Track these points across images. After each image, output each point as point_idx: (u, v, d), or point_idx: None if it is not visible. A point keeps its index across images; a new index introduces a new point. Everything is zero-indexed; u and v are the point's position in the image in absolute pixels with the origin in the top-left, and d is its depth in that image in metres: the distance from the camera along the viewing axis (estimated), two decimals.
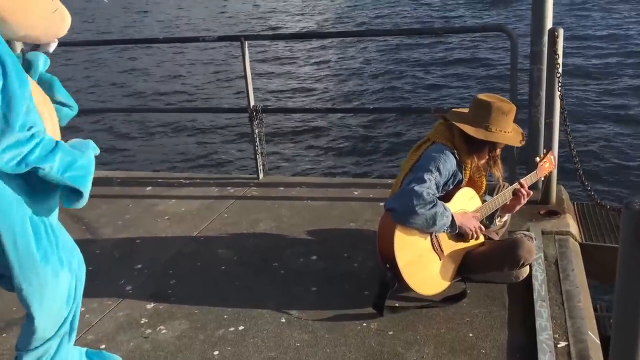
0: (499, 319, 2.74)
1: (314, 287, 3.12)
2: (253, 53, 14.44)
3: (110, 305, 3.08)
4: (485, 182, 3.08)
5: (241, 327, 2.81)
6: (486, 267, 2.97)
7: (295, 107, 11.68)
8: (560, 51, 3.57)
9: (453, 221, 2.77)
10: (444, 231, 2.81)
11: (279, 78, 14.32)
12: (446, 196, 2.89)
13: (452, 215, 2.78)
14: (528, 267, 2.99)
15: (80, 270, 2.24)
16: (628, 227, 1.53)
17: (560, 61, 3.57)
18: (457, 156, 2.90)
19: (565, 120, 3.69)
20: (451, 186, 2.92)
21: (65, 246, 2.11)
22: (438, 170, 2.78)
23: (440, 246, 2.89)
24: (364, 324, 2.76)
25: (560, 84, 3.62)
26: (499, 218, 3.26)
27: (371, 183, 4.67)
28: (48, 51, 2.15)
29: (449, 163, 2.84)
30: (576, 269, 3.12)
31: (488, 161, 3.02)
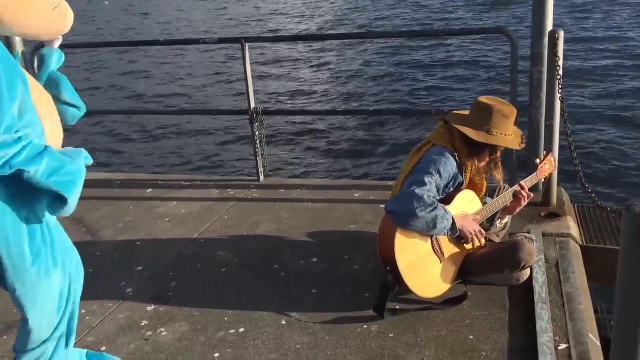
0: (500, 322, 2.74)
1: (315, 290, 3.11)
2: (254, 55, 14.47)
3: (110, 307, 3.08)
4: (485, 185, 3.08)
5: (242, 330, 2.81)
6: (487, 270, 2.97)
7: (295, 110, 11.70)
8: (560, 53, 3.57)
9: (454, 224, 2.77)
10: (445, 234, 2.81)
11: (280, 80, 14.33)
12: (447, 199, 2.88)
13: (453, 218, 2.77)
14: (529, 270, 2.99)
15: (77, 271, 2.23)
16: (629, 230, 1.53)
17: (560, 63, 3.57)
18: (458, 159, 2.90)
19: (565, 122, 3.69)
20: (452, 189, 2.92)
21: (60, 247, 2.09)
22: (439, 173, 2.78)
23: (441, 249, 2.88)
24: (365, 327, 2.76)
25: (560, 86, 3.62)
26: (500, 220, 3.26)
27: (371, 185, 4.67)
28: (52, 47, 2.13)
29: (450, 166, 2.84)
30: (577, 272, 3.11)
31: (489, 164, 3.03)
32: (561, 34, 3.56)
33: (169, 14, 29.85)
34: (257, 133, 4.66)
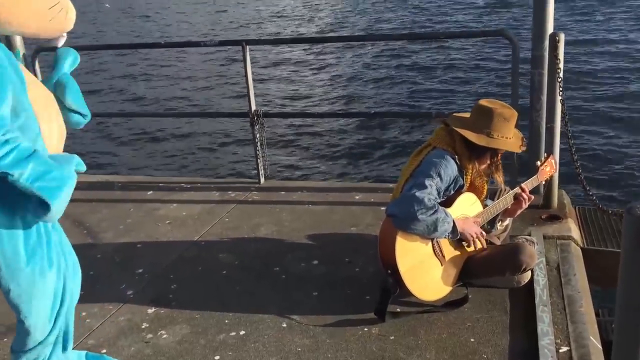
0: (501, 324, 2.74)
1: (315, 292, 3.11)
2: (254, 58, 14.48)
3: (111, 309, 3.08)
4: (486, 187, 3.08)
5: (242, 332, 2.81)
6: (488, 272, 2.96)
7: (296, 112, 11.70)
8: (561, 56, 3.57)
9: (454, 227, 2.77)
10: (446, 237, 2.81)
11: (280, 83, 14.34)
12: (447, 201, 2.88)
13: (454, 221, 2.77)
14: (530, 272, 2.99)
15: (74, 273, 2.22)
16: (630, 232, 1.52)
17: (561, 66, 3.57)
18: (458, 161, 2.89)
19: (566, 124, 3.69)
20: (452, 191, 2.91)
21: (56, 247, 2.07)
22: (439, 175, 2.78)
23: (441, 251, 2.88)
24: (365, 329, 2.75)
25: (561, 89, 3.62)
26: (500, 222, 3.25)
27: (372, 187, 4.67)
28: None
29: (450, 169, 2.83)
30: (578, 274, 3.11)
31: (489, 166, 3.02)
32: (562, 37, 3.56)
33: (170, 16, 29.88)
34: (258, 135, 4.66)
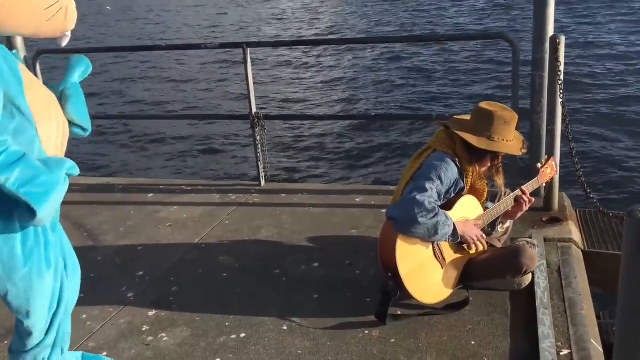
0: (501, 327, 2.73)
1: (316, 295, 3.11)
2: (255, 60, 14.49)
3: (111, 312, 3.07)
4: (487, 190, 3.08)
5: (243, 335, 2.81)
6: (488, 275, 2.96)
7: (297, 114, 11.70)
8: (562, 58, 3.57)
9: (455, 230, 2.77)
10: (446, 240, 2.81)
11: (281, 85, 14.34)
12: (448, 204, 2.88)
13: (454, 224, 2.77)
14: (530, 275, 2.98)
15: (73, 275, 2.22)
16: (631, 235, 1.52)
17: (562, 68, 3.58)
18: (459, 164, 2.89)
19: (567, 127, 3.69)
20: (453, 194, 2.91)
21: (54, 248, 2.06)
22: (439, 178, 2.78)
23: (442, 254, 2.88)
24: (366, 332, 2.75)
25: (562, 91, 3.62)
26: (501, 225, 3.25)
27: (373, 190, 4.67)
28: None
29: (451, 171, 2.83)
30: (579, 277, 3.11)
31: (490, 169, 3.02)
32: (562, 39, 3.56)
33: (170, 19, 29.91)
34: (259, 138, 4.66)
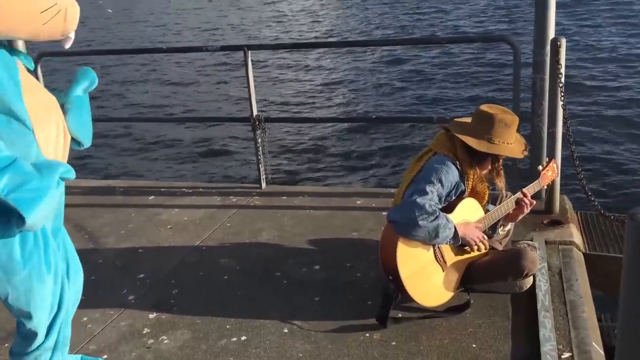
0: (503, 330, 2.73)
1: (317, 297, 3.11)
2: (256, 62, 14.51)
3: (112, 315, 3.07)
4: (487, 193, 3.08)
5: (243, 337, 2.80)
6: (490, 278, 2.96)
7: (297, 117, 11.71)
8: (562, 61, 3.57)
9: (456, 233, 2.76)
10: (447, 243, 2.80)
11: (282, 88, 14.35)
12: (449, 207, 2.88)
13: (455, 226, 2.77)
14: (532, 278, 2.98)
15: (75, 278, 2.21)
16: (632, 239, 1.52)
17: (562, 71, 3.57)
18: (460, 167, 2.89)
19: (568, 129, 3.69)
20: (453, 197, 2.91)
21: (54, 251, 2.05)
22: (440, 181, 2.77)
23: (443, 257, 2.88)
24: (367, 335, 2.75)
25: (562, 94, 3.62)
26: (502, 227, 3.25)
27: (374, 192, 4.67)
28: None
29: (451, 174, 2.82)
30: (580, 279, 3.10)
31: (490, 172, 3.01)
32: (563, 42, 3.56)
33: (171, 21, 29.94)
34: (259, 140, 4.66)
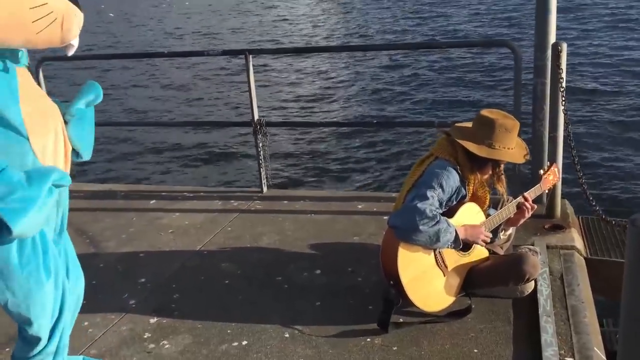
0: (504, 335, 2.72)
1: (318, 302, 3.10)
2: (257, 67, 14.52)
3: (113, 319, 3.07)
4: (489, 197, 3.07)
5: (244, 342, 2.80)
6: (491, 282, 2.95)
7: (299, 121, 11.72)
8: (563, 65, 3.57)
9: (457, 237, 2.76)
10: (448, 247, 2.80)
11: (283, 92, 14.37)
12: (450, 211, 2.87)
13: (456, 230, 2.76)
14: (533, 282, 2.98)
15: (76, 283, 2.21)
16: (634, 244, 1.52)
17: (563, 75, 3.58)
18: (461, 172, 2.89)
19: (569, 134, 3.69)
20: (454, 202, 2.90)
21: (54, 256, 2.04)
22: (441, 186, 2.77)
23: (444, 262, 2.87)
24: (368, 340, 2.74)
25: (564, 98, 3.62)
26: (503, 232, 3.24)
27: (375, 197, 4.66)
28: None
29: (452, 179, 2.82)
30: (582, 284, 3.10)
31: (491, 177, 3.01)
32: (564, 47, 3.56)
33: (172, 26, 29.99)
34: (261, 144, 4.66)
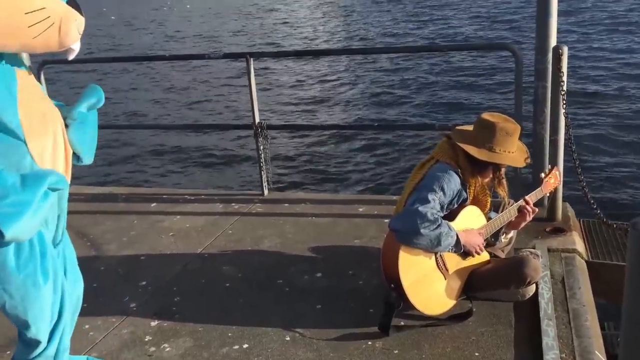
0: (505, 338, 2.72)
1: (319, 305, 3.10)
2: (258, 70, 14.54)
3: (114, 322, 3.07)
4: (489, 201, 3.07)
5: (245, 345, 2.80)
6: (492, 286, 2.95)
7: (299, 124, 11.72)
8: (564, 69, 3.57)
9: (458, 241, 2.76)
10: (449, 251, 2.80)
11: (284, 95, 14.38)
12: (451, 215, 2.87)
13: (457, 234, 2.76)
14: (534, 286, 2.97)
15: (74, 287, 2.21)
16: (635, 247, 1.52)
17: (564, 79, 3.58)
18: (461, 175, 2.89)
19: (570, 137, 3.69)
20: (456, 205, 2.90)
21: (53, 259, 2.04)
22: (442, 190, 2.77)
23: (445, 265, 2.87)
24: (369, 343, 2.74)
25: (564, 102, 3.62)
26: (504, 235, 3.24)
27: (376, 200, 4.66)
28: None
29: (453, 183, 2.82)
30: (583, 287, 3.09)
31: (492, 180, 3.00)
32: (565, 50, 3.56)
33: (173, 28, 30.03)
34: (262, 147, 4.67)
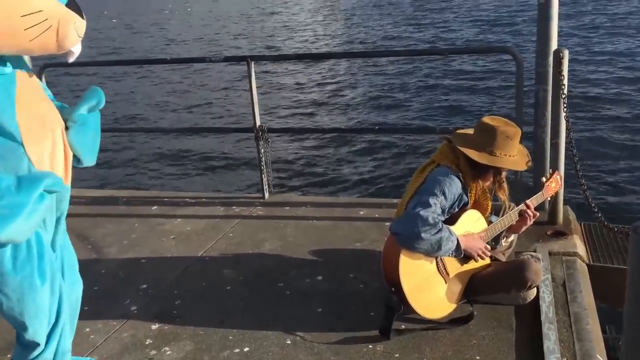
0: (506, 342, 2.71)
1: (320, 308, 3.10)
2: (259, 73, 14.56)
3: (115, 325, 3.07)
4: (490, 204, 3.07)
5: (246, 349, 2.80)
6: (493, 289, 2.95)
7: (300, 127, 11.73)
8: (565, 72, 3.58)
9: (458, 245, 2.75)
10: (450, 255, 2.79)
11: (285, 98, 14.39)
12: (451, 219, 2.87)
13: (457, 239, 2.76)
14: (535, 289, 2.97)
15: (72, 289, 2.21)
16: (636, 251, 1.52)
17: (565, 82, 3.58)
18: (462, 179, 2.89)
19: (571, 140, 3.69)
20: (456, 209, 2.90)
21: (51, 262, 2.04)
22: (443, 194, 2.76)
23: (445, 269, 2.87)
24: (370, 346, 2.73)
25: (565, 105, 3.62)
26: (505, 239, 3.24)
27: (377, 203, 4.66)
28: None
29: (454, 187, 2.81)
30: (584, 291, 3.09)
31: (493, 184, 3.00)
32: (566, 53, 3.57)
33: (174, 32, 30.09)
34: (262, 150, 4.67)
